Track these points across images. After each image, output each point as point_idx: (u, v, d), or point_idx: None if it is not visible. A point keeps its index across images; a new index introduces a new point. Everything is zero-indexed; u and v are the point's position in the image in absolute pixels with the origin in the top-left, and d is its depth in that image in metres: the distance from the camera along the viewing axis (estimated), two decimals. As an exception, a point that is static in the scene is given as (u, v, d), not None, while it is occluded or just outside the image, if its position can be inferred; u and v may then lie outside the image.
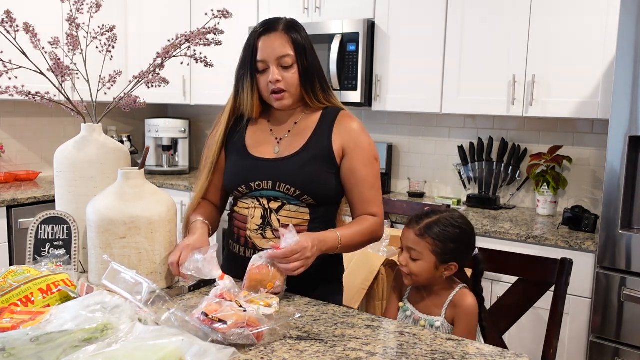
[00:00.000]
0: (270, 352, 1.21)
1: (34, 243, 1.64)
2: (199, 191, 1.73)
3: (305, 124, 1.69)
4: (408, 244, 1.55)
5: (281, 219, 1.64)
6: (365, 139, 1.68)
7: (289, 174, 1.62)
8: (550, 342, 1.64)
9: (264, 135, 1.71)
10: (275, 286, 1.47)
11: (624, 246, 2.26)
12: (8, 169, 3.75)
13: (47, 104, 1.70)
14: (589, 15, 2.59)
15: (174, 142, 4.25)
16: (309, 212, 1.64)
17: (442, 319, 1.56)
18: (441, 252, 1.52)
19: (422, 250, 1.53)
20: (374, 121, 3.65)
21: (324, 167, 1.64)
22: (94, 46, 1.75)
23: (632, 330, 2.26)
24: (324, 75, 1.69)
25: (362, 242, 1.66)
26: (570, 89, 2.67)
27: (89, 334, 1.05)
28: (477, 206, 3.13)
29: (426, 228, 1.53)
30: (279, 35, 1.60)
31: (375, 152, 1.70)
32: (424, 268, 1.54)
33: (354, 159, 1.65)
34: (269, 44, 1.59)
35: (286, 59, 1.59)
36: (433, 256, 1.53)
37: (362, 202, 1.67)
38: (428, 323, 1.56)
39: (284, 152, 1.67)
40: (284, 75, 1.60)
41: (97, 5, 1.75)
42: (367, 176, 1.66)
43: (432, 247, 1.52)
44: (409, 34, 3.09)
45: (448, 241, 1.53)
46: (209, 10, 1.70)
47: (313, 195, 1.62)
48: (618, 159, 2.26)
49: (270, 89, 1.61)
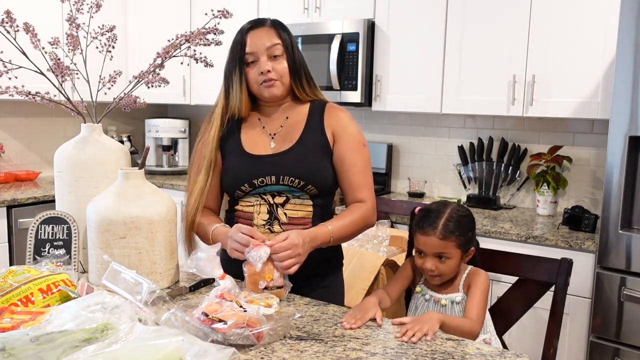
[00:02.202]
0: (270, 352, 1.21)
1: (34, 243, 1.64)
2: (199, 194, 1.70)
3: (296, 118, 1.72)
4: (435, 250, 1.56)
5: (287, 212, 1.66)
6: (353, 126, 1.73)
7: (291, 166, 1.64)
8: (550, 342, 1.64)
9: (257, 133, 1.73)
10: (275, 278, 1.48)
11: (624, 246, 2.26)
12: (8, 169, 3.75)
13: (47, 104, 1.70)
14: (589, 15, 2.59)
15: (174, 142, 4.25)
16: (312, 204, 1.67)
17: (461, 293, 1.60)
18: (464, 243, 1.58)
19: (450, 250, 1.56)
20: (374, 121, 3.65)
21: (322, 156, 1.68)
22: (94, 46, 1.75)
23: (632, 330, 2.26)
24: (309, 72, 1.74)
25: (355, 231, 1.68)
26: (570, 89, 2.67)
27: (89, 334, 1.05)
28: (477, 206, 3.13)
29: (446, 228, 1.55)
30: (267, 29, 1.66)
31: (363, 138, 1.74)
32: (454, 264, 1.58)
33: (343, 145, 1.69)
34: (257, 37, 1.64)
35: (276, 48, 1.64)
36: (459, 250, 1.58)
37: (352, 187, 1.69)
38: (449, 300, 1.60)
39: (280, 147, 1.69)
40: (273, 65, 1.64)
41: (97, 5, 1.75)
42: (356, 161, 1.69)
43: (457, 243, 1.56)
44: (409, 34, 3.09)
45: (467, 231, 1.59)
46: (209, 10, 1.70)
47: (317, 185, 1.65)
48: (618, 159, 2.26)
49: (260, 80, 1.64)
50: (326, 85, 3.24)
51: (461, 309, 1.58)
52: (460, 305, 1.59)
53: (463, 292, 1.60)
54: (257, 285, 1.48)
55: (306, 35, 3.31)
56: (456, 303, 1.59)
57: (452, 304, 1.60)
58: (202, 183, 1.71)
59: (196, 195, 1.70)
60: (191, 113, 4.48)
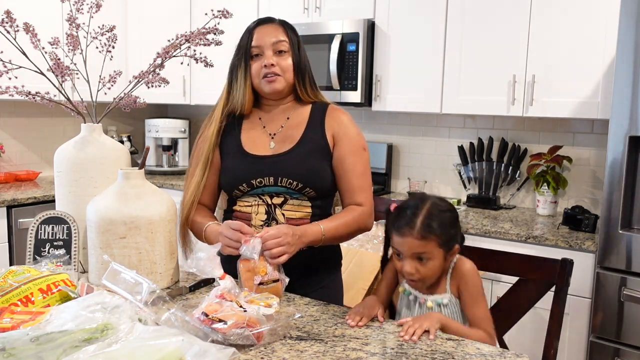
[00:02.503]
0: (270, 352, 1.21)
1: (34, 243, 1.64)
2: (195, 190, 1.70)
3: (297, 119, 1.72)
4: (413, 250, 1.44)
5: (285, 213, 1.66)
6: (354, 129, 1.72)
7: (289, 168, 1.64)
8: (550, 342, 1.64)
9: (257, 133, 1.72)
10: (269, 272, 1.47)
11: (624, 246, 2.26)
12: (8, 169, 3.75)
13: (47, 104, 1.70)
14: (588, 15, 2.59)
15: (174, 142, 4.25)
16: (310, 205, 1.67)
17: (448, 294, 1.50)
18: (446, 241, 1.45)
19: (430, 250, 1.43)
20: (374, 121, 3.65)
21: (321, 158, 1.67)
22: (94, 46, 1.75)
23: (632, 330, 2.26)
24: (312, 74, 1.75)
25: (348, 233, 1.67)
26: (570, 89, 2.67)
27: (89, 334, 1.05)
28: (477, 206, 3.13)
29: (425, 227, 1.42)
30: (275, 25, 1.68)
31: (363, 142, 1.73)
32: (436, 266, 1.45)
33: (343, 148, 1.68)
34: (264, 32, 1.66)
35: (281, 44, 1.65)
36: (441, 250, 1.45)
37: (350, 190, 1.69)
38: (435, 303, 1.49)
39: (280, 147, 1.69)
40: (278, 60, 1.65)
41: (97, 5, 1.75)
42: (355, 164, 1.68)
43: (438, 242, 1.43)
44: (409, 34, 3.09)
45: (449, 228, 1.46)
46: (209, 10, 1.70)
47: (315, 188, 1.65)
48: (618, 159, 2.26)
49: (263, 73, 1.65)
50: (326, 85, 3.24)
51: (450, 312, 1.49)
52: (448, 308, 1.49)
53: (451, 292, 1.50)
54: (252, 282, 1.47)
55: (306, 35, 3.30)
56: (443, 306, 1.49)
57: (440, 306, 1.49)
58: (198, 177, 1.71)
59: (192, 190, 1.70)
60: (191, 113, 4.48)
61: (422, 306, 1.51)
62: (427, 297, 1.51)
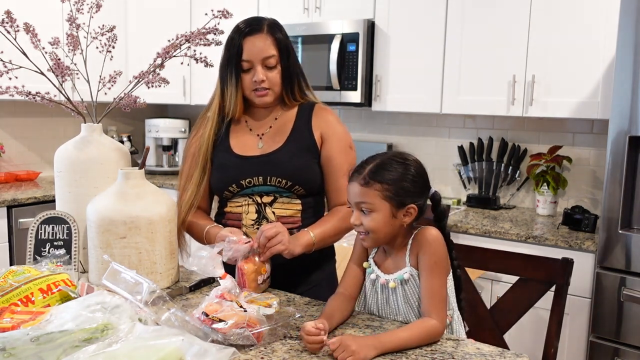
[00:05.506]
0: (270, 352, 1.21)
1: (34, 243, 1.65)
2: (195, 187, 1.70)
3: (284, 120, 1.73)
4: (356, 198, 1.33)
5: (276, 211, 1.67)
6: (341, 128, 1.74)
7: (278, 167, 1.65)
8: (550, 342, 1.64)
9: (244, 134, 1.74)
10: (268, 270, 1.54)
11: (624, 246, 2.26)
12: (8, 169, 3.75)
13: (47, 104, 1.70)
14: (588, 15, 2.59)
15: (174, 142, 4.25)
16: (301, 203, 1.69)
17: (409, 267, 1.36)
18: (394, 194, 1.31)
19: (372, 200, 1.31)
20: (374, 121, 3.64)
21: (309, 157, 1.69)
22: (94, 46, 1.75)
23: (632, 330, 2.26)
24: (303, 73, 1.75)
25: (337, 234, 1.70)
26: (570, 89, 2.67)
27: (89, 334, 1.05)
28: (477, 206, 3.13)
29: (371, 174, 1.32)
30: (264, 36, 1.65)
31: (350, 140, 1.75)
32: (380, 220, 1.32)
33: (330, 146, 1.70)
34: (254, 45, 1.64)
35: (271, 60, 1.65)
36: (386, 202, 1.31)
37: (337, 189, 1.70)
38: (398, 281, 1.37)
39: (268, 147, 1.70)
40: (267, 75, 1.65)
41: (97, 5, 1.75)
42: (343, 164, 1.69)
43: (382, 193, 1.31)
44: (409, 34, 3.09)
45: (398, 181, 1.32)
46: (209, 10, 1.70)
47: (304, 185, 1.67)
48: (618, 159, 2.26)
49: (253, 87, 1.66)
50: (326, 85, 3.24)
51: (414, 288, 1.36)
52: (409, 283, 1.36)
53: (410, 265, 1.36)
54: (257, 282, 1.50)
55: (306, 36, 3.31)
56: (404, 282, 1.36)
57: (402, 284, 1.37)
58: (197, 179, 1.71)
59: (191, 192, 1.70)
60: (191, 113, 4.47)
61: (385, 289, 1.40)
62: (388, 277, 1.39)
